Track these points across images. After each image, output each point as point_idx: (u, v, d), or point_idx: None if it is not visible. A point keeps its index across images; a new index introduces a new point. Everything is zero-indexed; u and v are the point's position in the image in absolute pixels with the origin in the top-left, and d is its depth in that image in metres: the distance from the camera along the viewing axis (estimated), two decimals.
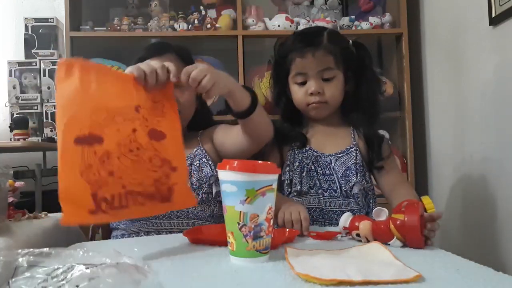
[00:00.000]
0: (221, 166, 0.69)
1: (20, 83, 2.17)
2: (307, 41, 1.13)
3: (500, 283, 0.58)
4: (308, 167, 1.12)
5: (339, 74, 1.13)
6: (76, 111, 0.73)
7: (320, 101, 1.12)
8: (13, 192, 1.04)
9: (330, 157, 1.13)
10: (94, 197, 0.71)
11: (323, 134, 1.18)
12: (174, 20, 2.09)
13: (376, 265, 0.64)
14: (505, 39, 1.39)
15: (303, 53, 1.11)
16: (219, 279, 0.60)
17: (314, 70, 1.11)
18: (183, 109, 1.09)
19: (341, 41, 1.17)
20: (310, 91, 1.12)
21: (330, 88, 1.12)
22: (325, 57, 1.11)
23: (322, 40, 1.13)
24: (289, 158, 1.15)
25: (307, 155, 1.14)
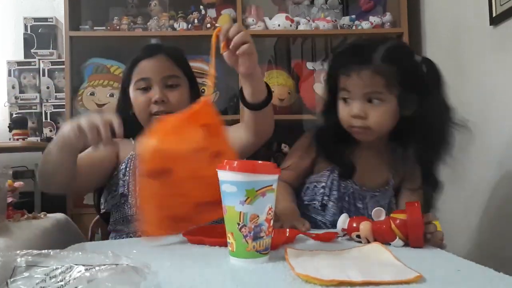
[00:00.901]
0: (221, 166, 0.68)
1: (19, 83, 2.17)
2: (355, 57, 0.99)
3: (500, 283, 0.57)
4: (343, 197, 1.06)
5: (389, 98, 0.97)
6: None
7: (362, 126, 0.98)
8: (12, 192, 1.04)
9: (367, 193, 1.07)
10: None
11: (366, 161, 1.07)
12: (173, 20, 2.09)
13: (377, 266, 0.64)
14: (505, 39, 1.39)
15: (348, 71, 0.98)
16: (219, 279, 0.59)
17: (359, 91, 0.97)
18: (174, 110, 1.07)
19: (403, 59, 0.99)
20: (352, 114, 0.99)
21: (376, 112, 0.97)
22: (373, 78, 0.95)
23: (373, 57, 0.96)
24: (326, 181, 1.07)
25: (346, 186, 1.06)
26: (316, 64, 2.19)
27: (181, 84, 1.15)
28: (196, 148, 0.87)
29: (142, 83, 1.12)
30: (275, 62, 2.39)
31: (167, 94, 1.12)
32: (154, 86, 1.11)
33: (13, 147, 1.86)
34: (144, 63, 1.13)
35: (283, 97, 2.09)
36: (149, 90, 1.12)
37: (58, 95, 2.17)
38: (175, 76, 1.14)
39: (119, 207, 1.11)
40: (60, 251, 0.54)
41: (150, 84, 1.12)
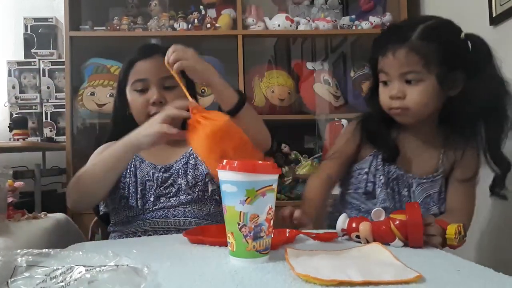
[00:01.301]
0: (221, 166, 0.68)
1: (19, 83, 2.17)
2: (393, 35, 0.99)
3: (500, 283, 0.57)
4: (389, 183, 1.04)
5: (428, 77, 0.95)
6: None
7: (400, 106, 0.98)
8: (13, 192, 1.04)
9: (413, 180, 1.04)
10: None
11: (412, 147, 1.05)
12: (173, 20, 2.09)
13: (377, 266, 0.64)
14: (505, 39, 1.39)
15: (384, 51, 0.97)
16: (219, 279, 0.59)
17: (396, 71, 0.96)
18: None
19: (444, 36, 0.97)
20: (390, 94, 0.99)
21: (414, 92, 0.96)
22: (409, 57, 0.94)
23: (410, 35, 0.95)
24: (369, 166, 1.06)
25: (390, 170, 1.04)
26: (316, 64, 2.19)
27: (177, 84, 1.11)
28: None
29: (140, 84, 1.12)
30: (275, 62, 2.39)
31: (164, 95, 1.11)
32: (152, 87, 1.12)
33: (13, 147, 1.86)
34: (141, 64, 1.13)
35: (283, 97, 2.09)
36: (146, 91, 1.12)
37: (58, 95, 2.17)
38: (171, 77, 1.10)
39: (119, 209, 1.11)
40: (60, 251, 0.54)
41: (148, 85, 1.12)
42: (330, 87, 2.12)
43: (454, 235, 0.81)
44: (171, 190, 1.09)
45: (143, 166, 1.12)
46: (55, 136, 2.16)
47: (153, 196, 1.08)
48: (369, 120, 1.09)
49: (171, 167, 1.12)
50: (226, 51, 2.11)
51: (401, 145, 1.05)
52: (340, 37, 2.24)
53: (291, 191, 2.01)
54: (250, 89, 2.09)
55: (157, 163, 1.13)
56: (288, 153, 2.13)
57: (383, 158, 1.04)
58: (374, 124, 1.07)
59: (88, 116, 2.04)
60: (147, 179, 1.09)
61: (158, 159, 1.14)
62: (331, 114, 2.07)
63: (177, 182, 1.09)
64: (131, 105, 1.15)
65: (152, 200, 1.08)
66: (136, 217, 1.08)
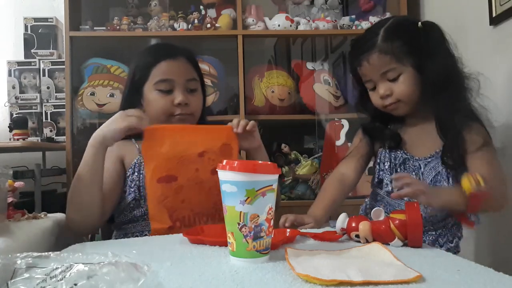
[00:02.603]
0: (221, 167, 0.68)
1: (19, 83, 2.17)
2: (361, 48, 1.10)
3: (500, 283, 0.57)
4: (396, 168, 1.11)
5: (405, 69, 1.06)
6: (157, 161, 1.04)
7: (392, 102, 1.09)
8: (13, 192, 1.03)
9: (419, 162, 1.09)
10: (171, 218, 1.03)
11: (415, 131, 1.14)
12: (173, 20, 2.09)
13: (377, 266, 0.64)
14: (505, 39, 1.39)
15: (359, 61, 1.09)
16: (219, 279, 0.59)
17: (376, 74, 1.08)
18: (194, 113, 1.17)
19: (403, 33, 1.08)
20: (380, 95, 1.09)
21: (398, 86, 1.07)
22: (382, 59, 1.06)
23: (376, 41, 1.06)
24: (379, 157, 1.15)
25: (396, 155, 1.12)
26: (316, 64, 2.19)
27: (198, 88, 1.18)
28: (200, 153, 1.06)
29: (165, 84, 1.12)
30: (275, 62, 2.39)
31: (188, 97, 1.14)
32: (177, 88, 1.12)
33: (13, 147, 1.86)
34: (166, 64, 1.13)
35: (283, 97, 2.09)
36: (170, 92, 1.12)
37: (58, 95, 2.17)
38: (195, 79, 1.17)
39: (125, 209, 1.10)
40: (60, 253, 0.54)
41: (173, 86, 1.12)
42: (330, 87, 2.12)
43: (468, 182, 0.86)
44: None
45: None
46: (55, 136, 2.16)
47: None
48: (367, 126, 1.21)
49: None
50: (226, 51, 2.11)
51: (406, 131, 1.14)
52: (340, 37, 2.24)
53: (291, 191, 2.01)
54: (250, 89, 2.09)
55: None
56: (288, 153, 2.13)
57: (388, 146, 1.14)
58: (372, 125, 1.20)
59: (88, 116, 2.04)
60: None
61: None
62: (331, 114, 2.07)
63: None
64: (152, 104, 1.13)
65: None
66: (142, 216, 1.08)
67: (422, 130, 1.12)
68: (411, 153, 1.12)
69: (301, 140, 2.26)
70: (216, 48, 2.20)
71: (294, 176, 2.02)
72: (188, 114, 1.14)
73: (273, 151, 2.17)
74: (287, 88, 2.11)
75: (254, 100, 2.07)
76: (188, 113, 1.14)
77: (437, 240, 1.09)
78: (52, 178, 2.17)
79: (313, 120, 2.08)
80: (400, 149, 1.13)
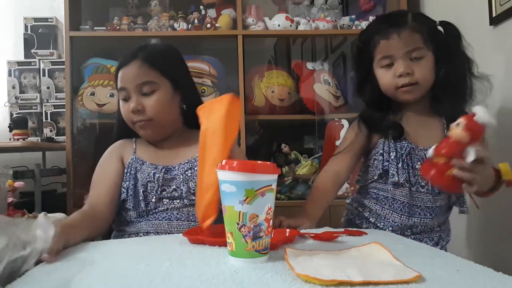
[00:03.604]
0: (220, 166, 0.68)
1: (19, 83, 2.17)
2: (391, 21, 1.09)
3: (500, 283, 0.57)
4: (403, 158, 1.09)
5: (428, 54, 1.07)
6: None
7: (410, 82, 1.06)
8: (13, 192, 1.04)
9: (424, 152, 1.08)
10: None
11: (417, 124, 1.13)
12: (173, 20, 2.09)
13: (376, 266, 0.64)
14: (505, 39, 1.39)
15: (388, 34, 1.06)
16: (219, 279, 0.59)
17: (401, 50, 1.06)
18: (153, 117, 1.10)
19: (428, 21, 1.11)
20: (398, 73, 1.06)
21: (420, 68, 1.06)
22: (412, 36, 1.05)
23: (407, 19, 1.07)
24: (382, 147, 1.12)
25: (402, 146, 1.11)
26: (316, 64, 2.19)
27: (157, 88, 1.10)
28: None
29: (123, 93, 1.12)
30: (275, 62, 2.39)
31: (143, 102, 1.09)
32: (132, 95, 1.10)
33: (13, 147, 1.86)
34: (122, 72, 1.12)
35: (283, 97, 2.09)
36: (129, 99, 1.11)
37: (58, 95, 2.17)
38: (149, 82, 1.10)
39: (122, 211, 1.11)
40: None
41: (129, 94, 1.11)
42: (330, 87, 2.12)
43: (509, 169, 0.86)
44: (174, 194, 1.09)
45: (144, 168, 1.12)
46: (55, 136, 2.16)
47: (155, 197, 1.07)
48: (365, 114, 1.18)
49: (173, 169, 1.12)
50: (226, 51, 2.11)
51: (407, 123, 1.13)
52: (340, 37, 2.24)
53: (291, 191, 2.01)
54: (250, 89, 2.09)
55: (158, 164, 1.13)
56: (288, 153, 2.12)
57: (392, 137, 1.11)
58: (370, 114, 1.16)
59: (88, 116, 2.04)
60: (148, 180, 1.09)
61: (160, 160, 1.14)
62: (331, 114, 2.07)
63: (180, 187, 1.09)
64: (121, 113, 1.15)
65: (154, 201, 1.07)
66: (139, 218, 1.08)
67: (423, 122, 1.13)
68: (415, 143, 1.11)
69: (301, 140, 2.26)
70: (216, 48, 2.20)
71: (294, 176, 2.02)
72: (146, 120, 1.10)
73: (273, 151, 2.17)
74: (287, 88, 2.11)
75: (254, 100, 2.07)
76: (145, 119, 1.09)
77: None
78: (52, 178, 2.17)
79: (313, 120, 2.08)
80: (404, 139, 1.11)
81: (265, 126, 2.21)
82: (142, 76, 1.09)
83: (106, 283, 0.59)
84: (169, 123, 1.15)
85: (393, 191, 1.11)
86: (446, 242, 1.14)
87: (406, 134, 1.11)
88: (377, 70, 1.12)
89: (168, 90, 1.13)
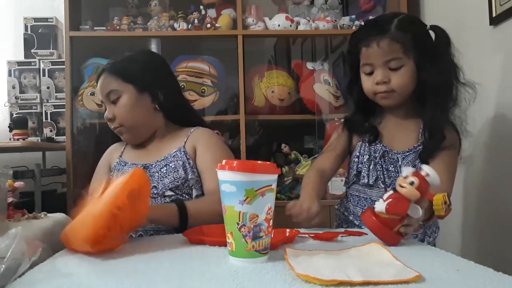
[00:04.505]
0: (220, 166, 0.68)
1: (19, 83, 2.17)
2: (373, 30, 1.11)
3: (500, 283, 0.57)
4: (376, 160, 1.13)
5: (408, 63, 1.08)
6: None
7: (386, 90, 1.09)
8: (13, 192, 1.03)
9: (398, 155, 1.12)
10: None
11: (394, 127, 1.16)
12: (173, 20, 2.09)
13: (376, 266, 0.64)
14: (505, 39, 1.39)
15: (369, 43, 1.09)
16: (219, 279, 0.59)
17: (380, 60, 1.08)
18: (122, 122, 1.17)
19: (414, 28, 1.11)
20: (376, 81, 1.10)
21: (397, 77, 1.08)
22: (391, 46, 1.07)
23: (389, 28, 1.08)
24: (359, 150, 1.16)
25: (376, 149, 1.14)
26: (316, 64, 2.19)
27: (120, 95, 1.17)
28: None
29: (102, 105, 1.22)
30: (275, 62, 2.39)
31: (113, 110, 1.17)
32: (105, 105, 1.20)
33: (13, 147, 1.86)
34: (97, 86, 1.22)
35: (283, 97, 2.09)
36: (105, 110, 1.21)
37: (58, 95, 2.17)
38: (112, 90, 1.17)
39: None
40: None
41: (104, 105, 1.21)
42: (330, 87, 2.12)
43: (440, 205, 0.84)
44: (153, 191, 1.11)
45: (125, 169, 1.17)
46: (55, 136, 2.16)
47: None
48: (350, 117, 1.23)
49: (151, 167, 1.15)
50: (226, 51, 2.11)
51: (384, 126, 1.16)
52: (340, 37, 2.23)
53: (291, 191, 2.01)
54: (250, 89, 2.09)
55: (138, 163, 1.17)
56: (288, 153, 2.12)
57: (368, 140, 1.15)
58: (354, 117, 1.20)
59: (88, 116, 2.04)
60: None
61: (142, 159, 1.19)
62: (331, 114, 2.07)
63: (157, 185, 1.12)
64: None
65: None
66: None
67: (401, 126, 1.15)
68: (390, 146, 1.14)
69: (301, 140, 2.26)
70: (216, 48, 2.20)
71: (294, 176, 2.02)
72: (118, 127, 1.18)
73: (273, 151, 2.17)
74: (287, 88, 2.11)
75: (254, 100, 2.07)
76: (117, 126, 1.18)
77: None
78: (52, 178, 2.17)
79: (313, 120, 2.08)
80: (379, 142, 1.14)
81: (265, 126, 2.21)
82: (106, 87, 1.18)
83: (106, 283, 0.59)
84: (140, 124, 1.19)
85: (370, 192, 1.14)
86: (433, 238, 1.14)
87: (381, 137, 1.15)
88: (361, 75, 1.15)
89: (131, 94, 1.18)
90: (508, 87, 1.37)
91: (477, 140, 1.54)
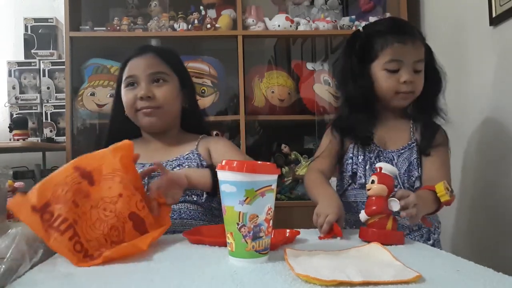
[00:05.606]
0: (220, 167, 0.68)
1: (19, 83, 2.17)
2: (405, 28, 1.13)
3: (500, 283, 0.57)
4: (371, 161, 1.13)
5: (423, 68, 1.13)
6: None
7: (411, 90, 1.11)
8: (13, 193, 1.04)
9: (392, 154, 1.14)
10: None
11: (387, 128, 1.17)
12: (173, 20, 2.08)
13: (376, 266, 0.64)
14: (505, 39, 1.39)
15: (404, 39, 1.09)
16: (219, 280, 0.59)
17: (411, 58, 1.10)
18: (161, 105, 1.13)
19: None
20: (403, 80, 1.10)
21: (419, 79, 1.12)
22: (420, 49, 1.11)
23: (415, 31, 1.13)
24: (352, 151, 1.16)
25: (370, 149, 1.14)
26: (316, 65, 2.19)
27: (169, 81, 1.16)
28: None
29: (129, 79, 1.15)
30: (275, 62, 2.39)
31: (153, 90, 1.13)
32: (141, 82, 1.13)
33: (13, 147, 1.86)
34: (133, 62, 1.16)
35: (283, 97, 2.08)
36: (136, 87, 1.14)
37: (58, 96, 2.17)
38: (162, 72, 1.15)
39: None
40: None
41: (137, 81, 1.14)
42: (330, 88, 2.12)
43: (444, 191, 0.90)
44: None
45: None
46: (55, 136, 2.16)
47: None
48: (338, 120, 1.22)
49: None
50: (226, 51, 2.11)
51: (378, 126, 1.17)
52: (340, 38, 2.23)
53: (291, 191, 2.01)
54: (250, 89, 2.09)
55: (146, 162, 1.11)
56: (288, 154, 2.12)
57: (361, 142, 1.15)
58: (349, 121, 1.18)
59: (88, 116, 2.04)
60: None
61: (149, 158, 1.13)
62: (331, 115, 2.07)
63: None
64: (123, 101, 1.17)
65: None
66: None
67: (393, 126, 1.18)
68: (384, 145, 1.15)
69: (301, 140, 2.26)
70: (216, 48, 2.20)
71: (294, 176, 2.02)
72: (154, 107, 1.12)
73: (273, 151, 2.17)
74: (287, 88, 2.11)
75: (254, 100, 2.07)
76: (154, 106, 1.12)
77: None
78: None
79: (313, 120, 2.07)
80: (372, 143, 1.15)
81: (265, 126, 2.21)
82: (155, 67, 1.15)
83: (106, 283, 0.60)
84: (173, 115, 1.19)
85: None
86: (437, 234, 1.14)
87: (375, 137, 1.15)
88: (378, 70, 1.12)
89: (176, 85, 1.18)
90: (507, 87, 1.37)
91: (475, 138, 1.54)
